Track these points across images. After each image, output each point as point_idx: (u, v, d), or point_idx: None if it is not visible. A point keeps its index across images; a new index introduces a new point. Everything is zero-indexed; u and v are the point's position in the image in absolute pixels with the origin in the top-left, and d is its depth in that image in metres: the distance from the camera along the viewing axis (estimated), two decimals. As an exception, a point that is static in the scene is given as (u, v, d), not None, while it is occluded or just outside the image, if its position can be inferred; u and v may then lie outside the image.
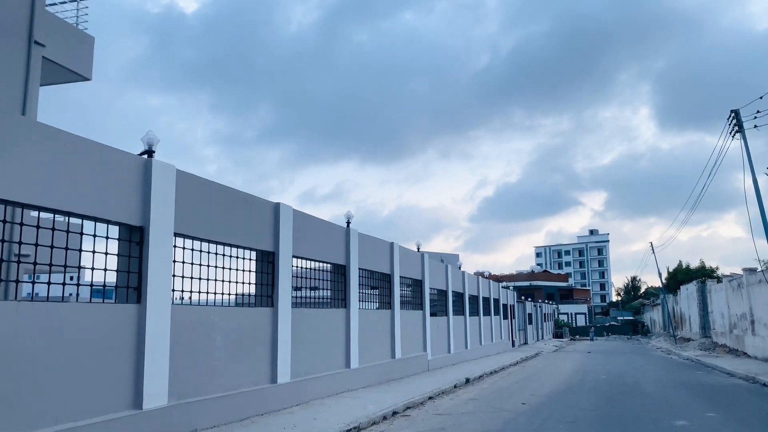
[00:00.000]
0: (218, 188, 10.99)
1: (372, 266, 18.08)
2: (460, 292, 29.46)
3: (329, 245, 15.38)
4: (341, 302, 15.92)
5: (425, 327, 22.76)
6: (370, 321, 17.45)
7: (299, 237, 13.64)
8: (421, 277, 22.89)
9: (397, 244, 20.12)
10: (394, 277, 19.65)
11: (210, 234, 10.60)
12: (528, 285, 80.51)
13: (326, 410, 12.15)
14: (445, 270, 26.78)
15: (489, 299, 36.35)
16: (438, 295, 25.89)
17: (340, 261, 15.90)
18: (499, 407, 13.60)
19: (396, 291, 19.68)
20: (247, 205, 11.89)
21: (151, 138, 9.43)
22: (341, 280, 16.06)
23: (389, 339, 19.08)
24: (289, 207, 13.23)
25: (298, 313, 13.39)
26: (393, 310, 19.40)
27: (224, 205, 11.10)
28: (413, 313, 21.75)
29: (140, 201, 8.99)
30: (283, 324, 12.58)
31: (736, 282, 30.04)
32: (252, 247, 11.98)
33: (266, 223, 12.45)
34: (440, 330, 25.18)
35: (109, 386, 8.17)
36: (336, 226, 15.91)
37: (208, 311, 10.46)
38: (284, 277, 12.74)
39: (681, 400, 14.79)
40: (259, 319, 11.97)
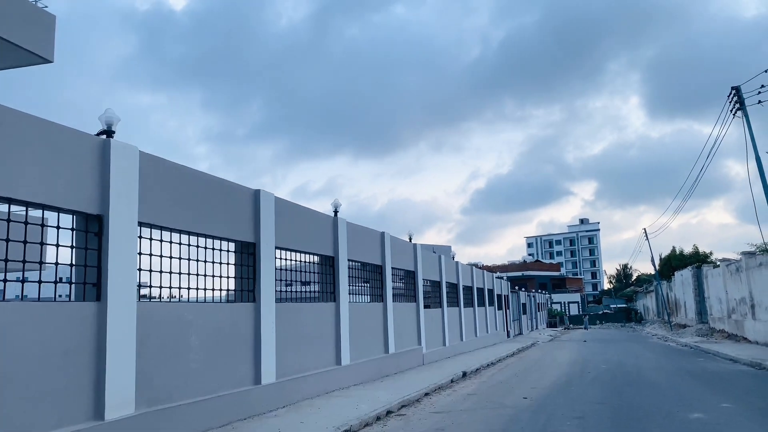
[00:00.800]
0: (190, 173, 10.01)
1: (362, 257, 17.17)
2: (454, 283, 28.64)
3: (316, 235, 14.45)
4: (330, 296, 14.99)
5: (419, 320, 21.91)
6: (361, 315, 16.55)
7: (282, 227, 12.69)
8: (413, 268, 22.01)
9: (388, 234, 19.21)
10: (385, 268, 18.75)
11: (181, 224, 9.63)
12: (520, 275, 79.95)
13: (315, 412, 11.25)
14: (438, 261, 25.92)
15: (483, 290, 35.61)
16: (431, 286, 25.04)
17: (327, 252, 14.97)
18: (500, 402, 12.77)
19: (388, 283, 18.79)
20: (224, 192, 10.92)
21: (110, 116, 8.44)
22: (329, 272, 15.13)
23: (382, 333, 18.20)
24: (270, 194, 12.27)
25: (283, 308, 12.47)
26: (385, 302, 18.51)
27: (197, 193, 10.13)
28: (406, 305, 20.88)
29: (98, 186, 8.01)
30: (267, 320, 11.65)
31: (734, 266, 29.42)
32: (230, 238, 11.03)
33: (245, 212, 11.50)
34: (435, 322, 24.35)
35: (64, 396, 7.22)
36: (323, 215, 14.97)
37: (182, 308, 9.50)
38: (267, 269, 11.79)
39: (690, 389, 14.03)
40: (240, 315, 11.04)
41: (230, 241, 11.14)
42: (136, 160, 8.56)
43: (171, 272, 9.31)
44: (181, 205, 9.63)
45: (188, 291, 9.78)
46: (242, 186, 11.55)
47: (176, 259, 9.45)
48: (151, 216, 8.89)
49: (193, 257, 9.94)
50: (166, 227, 9.29)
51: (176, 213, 9.50)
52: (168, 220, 9.29)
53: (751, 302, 26.44)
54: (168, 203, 9.31)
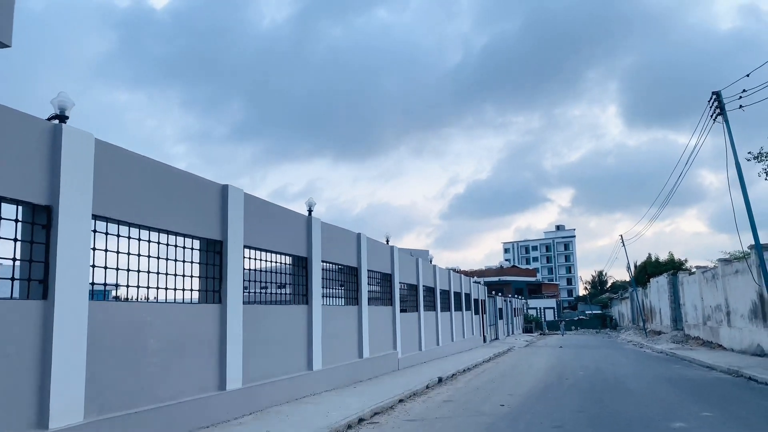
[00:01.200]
0: (152, 165, 9.40)
1: (337, 259, 16.64)
2: (431, 287, 28.22)
3: (288, 235, 13.88)
4: (302, 298, 14.43)
5: (395, 324, 21.41)
6: (334, 318, 16.00)
7: (252, 225, 12.11)
8: (390, 271, 21.52)
9: (364, 235, 18.71)
10: (361, 270, 18.23)
11: (142, 218, 9.02)
12: (497, 280, 79.92)
13: (282, 419, 10.67)
14: (415, 264, 25.47)
15: (460, 294, 35.27)
16: (408, 290, 24.58)
17: (300, 253, 14.41)
18: (477, 410, 12.33)
19: (363, 286, 18.27)
20: (189, 186, 10.32)
21: (63, 100, 7.82)
22: (302, 273, 14.56)
23: (356, 337, 17.66)
24: (240, 190, 11.69)
25: (251, 310, 11.88)
26: (360, 306, 17.99)
27: (160, 186, 9.52)
28: (382, 309, 20.38)
29: (47, 175, 7.38)
30: (233, 322, 11.06)
31: (710, 273, 29.50)
32: (195, 235, 10.42)
33: (212, 208, 10.90)
34: (411, 326, 23.88)
35: (3, 402, 6.57)
36: (296, 214, 14.41)
37: (139, 309, 8.87)
38: (234, 269, 11.20)
39: (670, 397, 13.75)
40: (205, 317, 10.43)
41: (195, 239, 10.54)
42: (90, 148, 7.94)
43: (129, 270, 8.69)
44: (141, 199, 9.02)
45: (147, 291, 9.15)
46: (209, 180, 10.95)
47: (135, 256, 8.84)
48: (108, 209, 8.27)
49: (154, 255, 9.33)
50: (124, 221, 8.67)
51: (136, 207, 8.88)
52: (126, 214, 8.67)
53: (727, 309, 26.47)
54: (127, 196, 8.69)
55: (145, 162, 9.23)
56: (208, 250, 10.91)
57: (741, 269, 24.29)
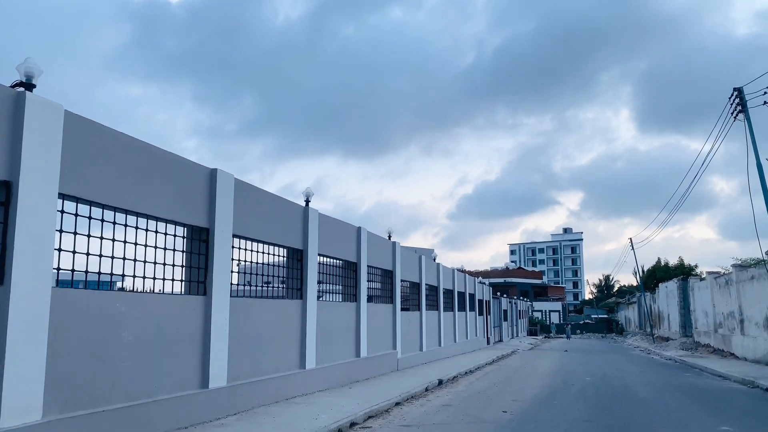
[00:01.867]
0: (132, 143, 8.69)
1: (335, 253, 15.90)
2: (435, 286, 27.44)
3: (283, 226, 13.15)
4: (297, 292, 13.70)
5: (395, 322, 20.65)
6: (331, 315, 15.27)
7: (243, 213, 11.40)
8: (392, 268, 20.77)
9: (365, 230, 17.97)
10: (360, 266, 17.49)
11: (119, 201, 8.31)
12: (503, 282, 78.98)
13: (267, 422, 9.95)
14: (418, 261, 24.70)
15: (464, 294, 34.49)
16: (410, 288, 23.81)
17: (296, 245, 13.68)
18: (477, 416, 11.57)
19: (362, 282, 17.53)
20: (173, 168, 9.61)
21: (30, 67, 7.12)
22: (297, 266, 13.83)
23: (354, 335, 16.93)
24: (230, 175, 10.97)
25: (239, 303, 11.17)
26: (359, 302, 17.25)
27: (141, 167, 8.81)
28: (382, 306, 19.63)
29: (6, 146, 6.68)
30: (219, 316, 10.34)
31: (723, 279, 28.57)
32: (179, 222, 9.71)
33: (199, 193, 10.18)
34: (412, 326, 23.11)
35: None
36: (292, 204, 13.68)
37: (112, 298, 8.17)
38: (222, 259, 10.49)
39: (682, 408, 12.94)
40: (188, 309, 9.72)
41: (180, 225, 9.84)
42: (59, 120, 7.24)
43: (101, 256, 7.98)
44: (119, 179, 8.31)
45: (123, 279, 8.46)
46: (196, 164, 10.24)
47: (109, 241, 8.13)
48: (78, 188, 7.57)
49: (132, 240, 8.62)
50: (97, 203, 7.96)
51: (112, 187, 8.18)
52: (100, 195, 7.97)
53: (741, 317, 25.56)
54: (101, 175, 7.99)
55: (125, 139, 8.52)
56: (193, 238, 10.20)
57: (757, 275, 23.38)
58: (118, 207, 8.31)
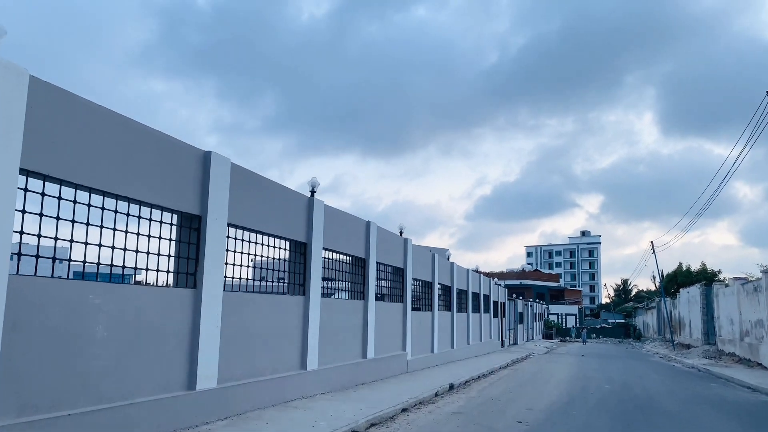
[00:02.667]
0: (113, 117, 7.85)
1: (341, 248, 15.01)
2: (448, 285, 26.45)
3: (286, 217, 12.29)
4: (299, 288, 12.82)
5: (405, 322, 19.70)
6: (335, 313, 14.38)
7: (241, 201, 10.55)
8: (402, 265, 19.83)
9: (374, 224, 17.06)
10: (369, 262, 16.59)
11: (96, 181, 7.48)
12: (518, 284, 77.58)
13: (259, 427, 9.08)
14: (431, 259, 23.72)
15: (479, 295, 33.43)
16: (422, 287, 22.84)
17: (299, 237, 12.81)
18: (490, 427, 10.62)
19: (371, 279, 16.62)
20: (162, 148, 8.77)
21: (-9, 26, 6.29)
22: (300, 260, 12.96)
23: (360, 335, 16.03)
24: (226, 159, 10.12)
25: (234, 297, 10.32)
26: (366, 300, 16.35)
27: (122, 145, 7.98)
28: (391, 306, 18.70)
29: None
30: (210, 311, 9.50)
31: (751, 285, 27.22)
32: (167, 207, 8.87)
33: (190, 177, 9.34)
34: (423, 326, 22.15)
35: None
36: (295, 194, 12.81)
37: (83, 288, 7.34)
38: (214, 249, 9.64)
39: (716, 425, 11.86)
40: (175, 303, 8.88)
41: (168, 211, 9.00)
42: (23, 86, 6.41)
43: (73, 241, 7.15)
44: (96, 157, 7.48)
45: (98, 267, 7.63)
46: (188, 145, 9.40)
47: (82, 225, 7.31)
48: (45, 164, 6.75)
49: (111, 226, 7.80)
50: (68, 182, 7.14)
51: (87, 166, 7.35)
52: (73, 174, 7.14)
53: (770, 325, 24.23)
54: (74, 150, 7.16)
55: (104, 113, 7.69)
56: (183, 226, 9.37)
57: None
58: (94, 188, 7.49)
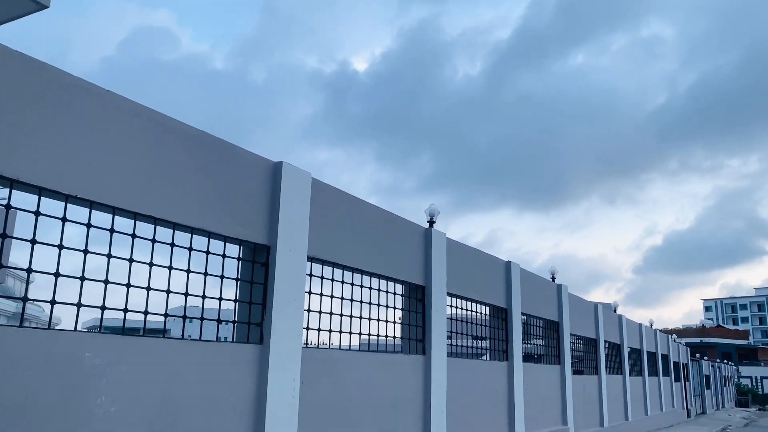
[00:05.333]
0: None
1: (470, 293, 12.12)
2: (616, 343, 23.45)
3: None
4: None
5: (564, 388, 16.83)
6: (467, 377, 11.57)
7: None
8: (557, 318, 16.95)
9: (516, 265, 14.29)
10: (512, 313, 13.69)
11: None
12: (698, 342, 70.47)
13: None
14: (593, 311, 20.86)
15: (655, 355, 29.95)
16: (584, 344, 20.01)
17: (416, 280, 10.19)
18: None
19: (515, 334, 13.68)
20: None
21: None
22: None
23: (505, 404, 13.05)
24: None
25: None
26: (511, 361, 13.45)
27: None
28: (544, 368, 16.01)
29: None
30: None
31: None
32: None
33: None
34: (588, 393, 18.93)
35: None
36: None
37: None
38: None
39: None
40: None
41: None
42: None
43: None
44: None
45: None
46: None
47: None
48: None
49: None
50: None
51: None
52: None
53: None
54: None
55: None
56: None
57: None
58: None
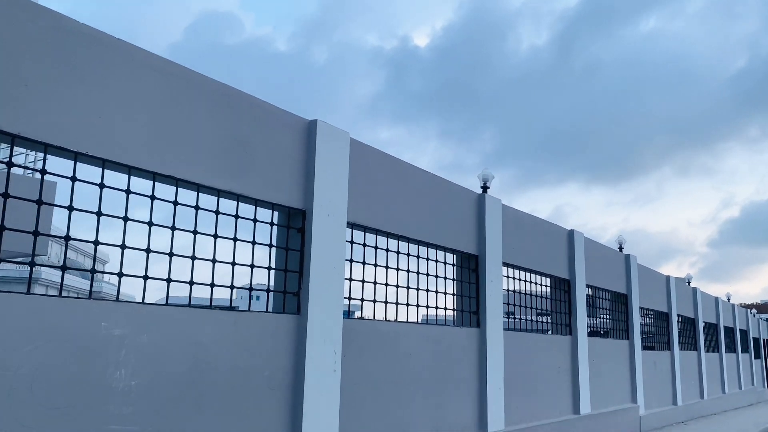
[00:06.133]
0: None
1: (529, 263, 11.25)
2: (690, 318, 21.82)
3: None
4: (472, 317, 9.64)
5: (634, 365, 15.52)
6: (527, 352, 10.73)
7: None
8: (625, 290, 15.77)
9: (580, 234, 13.34)
10: (575, 284, 12.76)
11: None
12: (776, 316, 66.77)
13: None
14: (665, 283, 19.29)
15: (733, 330, 28.34)
16: (655, 318, 18.62)
17: (468, 249, 9.47)
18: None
19: (579, 307, 12.64)
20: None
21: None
22: (472, 280, 9.60)
23: (568, 381, 12.16)
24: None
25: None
26: (575, 336, 12.54)
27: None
28: (612, 343, 14.81)
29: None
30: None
31: None
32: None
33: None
34: (659, 370, 17.60)
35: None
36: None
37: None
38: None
39: None
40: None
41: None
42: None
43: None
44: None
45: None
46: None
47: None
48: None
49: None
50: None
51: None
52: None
53: None
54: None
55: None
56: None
57: None
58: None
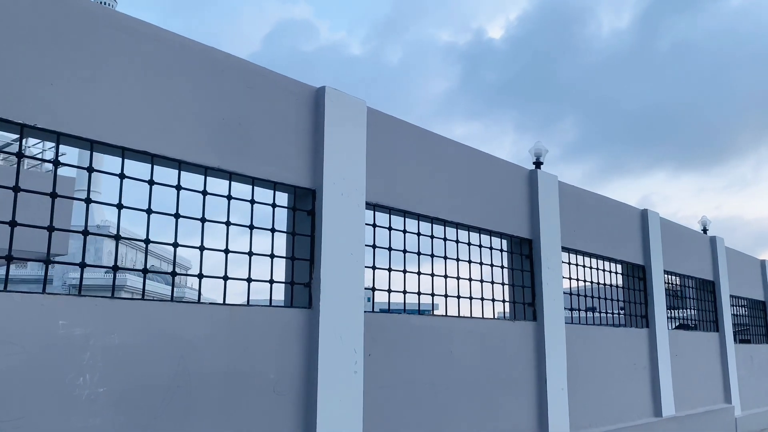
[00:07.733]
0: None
1: (593, 247, 10.06)
2: None
3: (485, 199, 10.06)
4: (528, 309, 8.45)
5: (726, 360, 13.67)
6: (594, 347, 9.62)
7: (391, 168, 8.95)
8: (711, 277, 13.96)
9: (655, 214, 11.85)
10: (651, 271, 11.32)
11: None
12: None
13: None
14: (760, 268, 16.99)
15: None
16: (750, 308, 16.46)
17: (520, 232, 8.49)
18: None
19: (656, 296, 11.32)
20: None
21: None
22: (526, 267, 8.53)
23: (647, 379, 10.83)
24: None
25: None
26: (652, 328, 11.10)
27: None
28: (698, 336, 13.15)
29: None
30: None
31: None
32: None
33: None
34: (758, 366, 15.56)
35: None
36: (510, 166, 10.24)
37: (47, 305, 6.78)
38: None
39: None
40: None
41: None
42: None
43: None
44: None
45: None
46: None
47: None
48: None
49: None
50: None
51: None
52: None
53: None
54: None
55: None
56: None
57: None
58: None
